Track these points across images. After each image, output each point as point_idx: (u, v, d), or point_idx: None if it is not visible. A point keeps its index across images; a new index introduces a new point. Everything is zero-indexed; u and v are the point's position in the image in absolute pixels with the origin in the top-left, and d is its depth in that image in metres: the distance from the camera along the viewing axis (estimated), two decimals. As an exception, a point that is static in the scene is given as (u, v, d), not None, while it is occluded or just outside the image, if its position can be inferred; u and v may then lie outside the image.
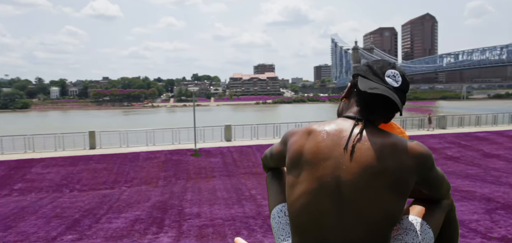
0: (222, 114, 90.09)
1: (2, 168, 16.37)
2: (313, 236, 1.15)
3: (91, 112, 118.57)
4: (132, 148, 20.03)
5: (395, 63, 1.30)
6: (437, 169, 1.24)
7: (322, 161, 1.16)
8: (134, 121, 76.98)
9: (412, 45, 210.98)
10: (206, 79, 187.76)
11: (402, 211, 1.16)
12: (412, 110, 74.08)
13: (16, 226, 9.51)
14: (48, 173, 15.63)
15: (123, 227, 8.94)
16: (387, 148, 1.14)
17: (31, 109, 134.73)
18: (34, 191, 13.76)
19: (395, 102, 1.18)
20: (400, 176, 1.12)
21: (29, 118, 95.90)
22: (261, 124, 24.73)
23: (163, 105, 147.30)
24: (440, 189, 1.27)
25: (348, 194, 1.12)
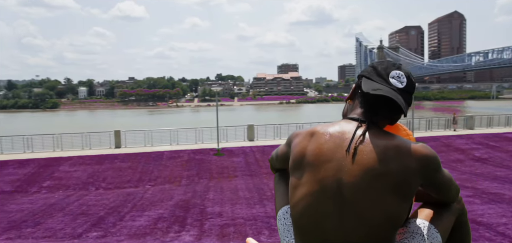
0: (245, 113, 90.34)
1: (32, 165, 16.88)
2: (314, 238, 1.15)
3: (117, 112, 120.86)
4: (156, 147, 20.32)
5: (400, 64, 1.29)
6: (444, 172, 1.22)
7: (324, 163, 1.16)
8: (159, 120, 78.05)
9: (439, 44, 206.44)
10: (230, 79, 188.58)
11: (405, 214, 1.14)
12: (438, 110, 72.53)
13: (45, 222, 9.80)
14: (75, 171, 16.03)
15: (146, 225, 9.10)
16: (390, 150, 1.13)
17: (60, 109, 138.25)
18: (61, 188, 14.14)
19: (399, 103, 1.16)
20: (403, 178, 1.11)
21: (58, 118, 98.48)
22: (283, 124, 24.69)
23: (187, 105, 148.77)
24: (447, 192, 1.25)
25: (349, 196, 1.11)
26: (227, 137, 22.52)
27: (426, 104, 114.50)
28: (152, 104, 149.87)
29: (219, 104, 78.19)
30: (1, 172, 16.18)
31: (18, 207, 11.61)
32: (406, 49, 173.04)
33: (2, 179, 15.37)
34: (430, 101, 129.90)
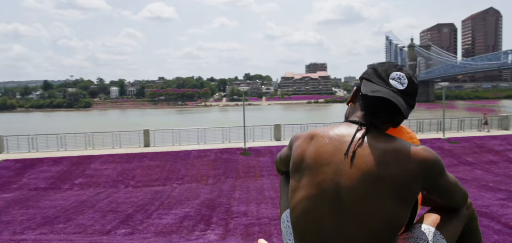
0: (272, 113, 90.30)
1: (65, 163, 17.42)
2: (312, 242, 1.15)
3: (147, 111, 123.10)
4: (184, 146, 20.59)
5: (402, 66, 1.26)
6: (449, 176, 1.19)
7: (322, 166, 1.15)
8: (187, 119, 79.01)
9: (473, 42, 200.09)
10: (258, 78, 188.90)
11: (406, 218, 1.12)
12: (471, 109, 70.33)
13: (76, 218, 10.11)
14: (106, 169, 16.45)
15: (172, 223, 9.24)
16: (389, 153, 1.11)
17: (93, 108, 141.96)
18: (92, 186, 14.55)
19: (398, 105, 1.14)
20: (403, 182, 1.09)
21: (90, 117, 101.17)
22: (311, 124, 24.54)
23: (215, 104, 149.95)
24: (453, 197, 1.22)
25: (347, 200, 1.10)
26: (254, 136, 22.58)
27: (459, 103, 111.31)
28: (181, 104, 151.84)
29: (246, 103, 78.57)
30: (37, 169, 16.77)
31: (51, 203, 12.02)
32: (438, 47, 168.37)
33: (37, 176, 15.94)
34: (463, 101, 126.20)
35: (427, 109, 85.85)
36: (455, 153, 18.56)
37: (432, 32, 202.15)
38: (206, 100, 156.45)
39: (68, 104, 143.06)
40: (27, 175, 16.04)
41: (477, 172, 15.00)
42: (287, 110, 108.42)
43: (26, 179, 15.59)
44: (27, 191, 14.17)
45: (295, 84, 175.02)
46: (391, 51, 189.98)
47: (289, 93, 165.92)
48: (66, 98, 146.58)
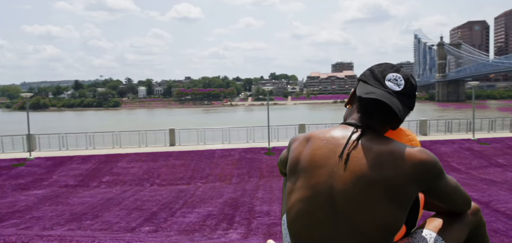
0: (298, 113, 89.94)
1: (93, 161, 17.86)
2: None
3: (174, 110, 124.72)
4: (208, 146, 20.77)
5: (400, 67, 1.25)
6: (448, 179, 1.17)
7: (317, 169, 1.15)
8: (213, 119, 79.64)
9: (506, 39, 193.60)
10: (284, 78, 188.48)
11: (401, 222, 1.11)
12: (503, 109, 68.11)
13: (102, 215, 10.36)
14: (132, 168, 16.77)
15: (195, 222, 9.34)
16: (383, 155, 1.10)
17: (122, 107, 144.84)
18: (119, 184, 14.86)
19: (392, 107, 1.13)
20: (397, 185, 1.07)
21: (119, 116, 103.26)
22: (336, 124, 24.27)
23: (241, 103, 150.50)
24: (453, 201, 1.20)
25: (341, 203, 1.10)
26: (278, 136, 22.53)
27: (491, 103, 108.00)
28: (207, 103, 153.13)
29: (272, 103, 78.19)
30: (67, 167, 17.26)
31: (80, 200, 12.35)
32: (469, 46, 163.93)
33: (67, 174, 16.41)
34: (496, 100, 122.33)
35: (457, 108, 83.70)
36: (485, 155, 18.02)
37: (463, 30, 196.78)
38: (232, 100, 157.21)
39: (97, 103, 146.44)
40: (58, 173, 16.52)
41: (508, 174, 14.54)
42: (312, 110, 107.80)
43: (57, 177, 16.07)
44: (57, 188, 14.61)
45: (321, 83, 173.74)
46: (420, 50, 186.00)
47: (315, 92, 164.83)
48: (96, 98, 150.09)
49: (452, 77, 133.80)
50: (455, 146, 19.17)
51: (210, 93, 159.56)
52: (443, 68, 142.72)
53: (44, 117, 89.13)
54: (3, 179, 15.94)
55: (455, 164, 16.58)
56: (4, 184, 15.29)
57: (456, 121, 25.78)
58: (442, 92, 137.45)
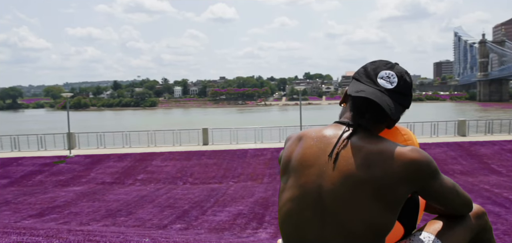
0: (332, 112, 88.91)
1: (129, 159, 18.35)
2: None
3: (209, 110, 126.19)
4: (241, 145, 20.89)
5: (395, 64, 1.21)
6: (443, 179, 1.13)
7: (306, 168, 1.14)
8: (247, 118, 79.99)
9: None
10: (318, 77, 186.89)
11: (391, 222, 1.08)
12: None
13: (136, 212, 10.63)
14: (166, 166, 17.11)
15: (225, 221, 9.43)
16: (372, 155, 1.07)
17: (158, 107, 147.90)
18: (153, 182, 15.20)
19: (381, 105, 1.10)
20: (386, 184, 1.05)
21: (155, 115, 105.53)
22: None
23: (275, 103, 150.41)
24: (450, 202, 1.16)
25: (329, 203, 1.08)
26: (311, 136, 22.37)
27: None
28: (242, 103, 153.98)
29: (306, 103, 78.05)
30: (104, 165, 17.82)
31: (115, 197, 12.72)
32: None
33: (104, 171, 16.94)
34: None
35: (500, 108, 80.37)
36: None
37: (507, 26, 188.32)
38: (266, 99, 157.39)
39: (135, 103, 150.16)
40: (95, 170, 17.09)
41: (553, 177, 13.84)
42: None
43: (94, 174, 16.62)
44: (95, 185, 15.11)
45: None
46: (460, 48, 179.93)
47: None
48: (134, 98, 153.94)
49: (494, 76, 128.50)
50: (496, 148, 18.42)
51: (245, 93, 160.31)
52: (485, 67, 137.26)
53: (84, 116, 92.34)
54: (45, 175, 16.65)
55: (495, 166, 15.94)
56: (46, 181, 15.97)
57: (497, 122, 24.75)
58: (483, 91, 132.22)
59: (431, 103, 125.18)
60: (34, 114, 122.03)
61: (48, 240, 2.56)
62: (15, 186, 15.38)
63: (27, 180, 16.11)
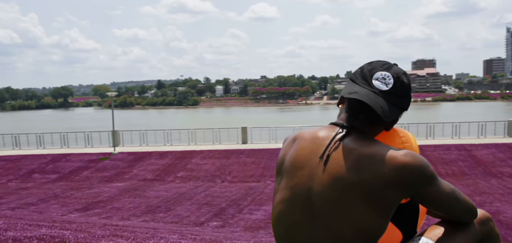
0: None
1: (170, 157, 18.78)
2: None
3: (249, 109, 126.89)
4: (279, 144, 20.79)
5: (393, 65, 1.17)
6: (441, 185, 1.09)
7: (298, 170, 1.13)
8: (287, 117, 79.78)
9: None
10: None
11: (381, 227, 1.05)
12: None
13: (174, 209, 10.88)
14: (205, 164, 17.38)
15: (261, 219, 9.47)
16: (363, 158, 1.05)
17: (200, 106, 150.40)
18: (192, 179, 15.48)
19: (373, 107, 1.07)
20: (375, 189, 1.02)
21: (197, 114, 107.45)
22: (412, 123, 23.16)
23: (316, 102, 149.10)
24: (449, 209, 1.11)
25: (318, 206, 1.06)
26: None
27: None
28: (282, 102, 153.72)
29: (347, 102, 74.88)
30: (146, 162, 18.35)
31: (156, 194, 13.07)
32: None
33: (146, 168, 17.44)
34: None
35: (556, 108, 75.73)
36: None
37: None
38: (307, 99, 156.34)
39: (178, 102, 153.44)
40: (137, 167, 17.62)
41: None
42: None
43: (136, 170, 17.14)
44: (137, 181, 15.59)
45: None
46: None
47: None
48: (176, 97, 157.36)
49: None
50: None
51: (285, 92, 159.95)
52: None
53: (129, 115, 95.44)
54: (90, 171, 17.36)
55: (548, 170, 15.05)
56: (91, 176, 16.66)
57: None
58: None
59: (480, 102, 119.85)
60: (83, 112, 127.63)
61: (74, 233, 2.69)
62: (64, 181, 16.15)
63: (74, 176, 16.86)
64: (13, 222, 3.40)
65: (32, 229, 2.71)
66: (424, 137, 21.35)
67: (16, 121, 77.34)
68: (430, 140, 20.83)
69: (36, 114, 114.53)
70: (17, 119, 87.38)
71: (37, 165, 18.33)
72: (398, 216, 1.19)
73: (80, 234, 2.71)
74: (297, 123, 28.61)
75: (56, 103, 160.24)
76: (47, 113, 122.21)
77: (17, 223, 3.21)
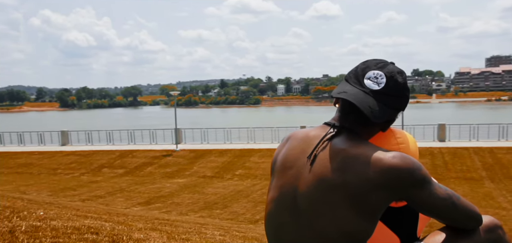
0: (441, 112, 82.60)
1: (229, 155, 19.16)
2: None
3: (311, 108, 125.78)
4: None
5: (389, 63, 1.13)
6: (435, 190, 1.03)
7: (287, 169, 1.12)
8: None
9: None
10: (428, 74, 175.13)
11: (366, 231, 1.02)
12: None
13: (231, 206, 11.11)
14: (263, 163, 17.52)
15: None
16: (349, 159, 1.02)
17: (262, 105, 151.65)
18: (250, 177, 15.69)
19: (360, 108, 1.04)
20: (360, 191, 0.99)
21: (258, 113, 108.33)
22: (483, 124, 21.77)
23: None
24: (444, 214, 1.06)
25: (304, 206, 1.05)
26: (415, 136, 21.02)
27: None
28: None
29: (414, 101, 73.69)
30: (206, 159, 18.87)
31: (214, 191, 13.42)
32: None
33: (205, 166, 17.94)
34: None
35: None
36: None
37: None
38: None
39: (240, 101, 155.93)
40: (198, 164, 18.17)
41: None
42: (460, 109, 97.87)
43: (197, 167, 17.69)
44: (196, 178, 16.09)
45: (472, 79, 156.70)
46: None
47: (464, 89, 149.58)
48: (239, 96, 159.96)
49: None
50: None
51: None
52: None
53: (193, 113, 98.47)
54: (154, 167, 18.17)
55: None
56: (154, 172, 17.43)
57: None
58: None
59: None
60: (151, 110, 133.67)
61: (113, 225, 2.86)
62: (129, 175, 17.05)
63: (139, 171, 17.74)
64: (64, 212, 3.69)
65: (76, 220, 2.92)
66: (495, 139, 20.00)
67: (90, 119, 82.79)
68: (503, 142, 19.46)
69: (108, 112, 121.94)
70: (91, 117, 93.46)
71: (106, 160, 19.50)
72: (394, 220, 1.16)
73: (119, 226, 2.88)
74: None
75: (126, 102, 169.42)
76: (118, 111, 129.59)
77: (66, 214, 3.48)
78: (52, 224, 2.54)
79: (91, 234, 2.36)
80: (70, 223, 2.67)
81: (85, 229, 2.49)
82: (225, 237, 3.37)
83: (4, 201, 4.01)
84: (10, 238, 2.01)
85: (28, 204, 4.32)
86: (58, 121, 67.32)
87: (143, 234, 2.68)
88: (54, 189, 13.92)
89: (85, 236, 2.29)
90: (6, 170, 18.64)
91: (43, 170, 18.45)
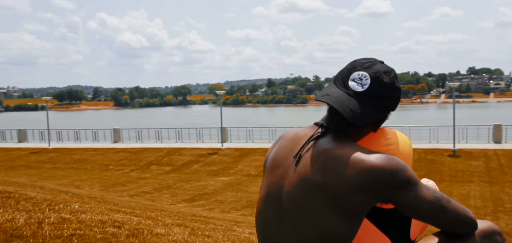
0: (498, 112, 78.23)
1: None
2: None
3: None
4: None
5: (374, 63, 1.09)
6: (421, 192, 0.99)
7: (275, 169, 1.12)
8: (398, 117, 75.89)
9: None
10: (485, 72, 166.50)
11: (348, 234, 1.00)
12: None
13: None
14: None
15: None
16: (331, 160, 1.00)
17: (309, 104, 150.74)
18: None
19: (339, 110, 1.02)
20: (341, 193, 0.97)
21: (306, 112, 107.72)
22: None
23: (432, 101, 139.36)
24: (432, 218, 1.02)
25: (287, 206, 1.05)
26: (468, 137, 20.15)
27: None
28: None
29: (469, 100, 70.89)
30: (250, 158, 19.03)
31: (257, 189, 13.49)
32: None
33: (250, 164, 18.09)
34: None
35: None
36: None
37: None
38: (422, 97, 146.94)
39: (287, 100, 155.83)
40: (242, 163, 18.36)
41: None
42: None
43: (241, 166, 17.87)
44: (240, 176, 16.25)
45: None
46: None
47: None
48: (286, 95, 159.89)
49: None
50: None
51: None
52: None
53: (240, 112, 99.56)
54: (200, 165, 18.56)
55: None
56: (200, 170, 17.80)
57: None
58: None
59: None
60: (199, 109, 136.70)
61: (141, 220, 2.93)
62: (176, 173, 17.52)
63: (185, 168, 18.18)
64: (98, 206, 3.84)
65: (107, 214, 3.04)
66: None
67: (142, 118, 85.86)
68: None
69: (159, 111, 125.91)
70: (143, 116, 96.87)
71: (154, 158, 20.16)
72: (386, 222, 1.13)
73: (146, 221, 2.96)
74: (406, 122, 27.08)
75: (176, 101, 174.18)
76: (168, 110, 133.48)
77: (99, 208, 3.63)
78: (81, 217, 2.67)
79: (113, 227, 2.46)
80: (99, 217, 2.79)
81: (110, 223, 2.59)
82: (253, 235, 3.38)
83: (47, 194, 4.26)
84: (35, 229, 2.14)
85: (70, 197, 4.56)
86: (111, 119, 70.35)
87: (165, 229, 2.75)
88: (105, 184, 14.58)
89: (106, 229, 2.40)
90: (63, 165, 19.75)
91: (96, 166, 19.36)
